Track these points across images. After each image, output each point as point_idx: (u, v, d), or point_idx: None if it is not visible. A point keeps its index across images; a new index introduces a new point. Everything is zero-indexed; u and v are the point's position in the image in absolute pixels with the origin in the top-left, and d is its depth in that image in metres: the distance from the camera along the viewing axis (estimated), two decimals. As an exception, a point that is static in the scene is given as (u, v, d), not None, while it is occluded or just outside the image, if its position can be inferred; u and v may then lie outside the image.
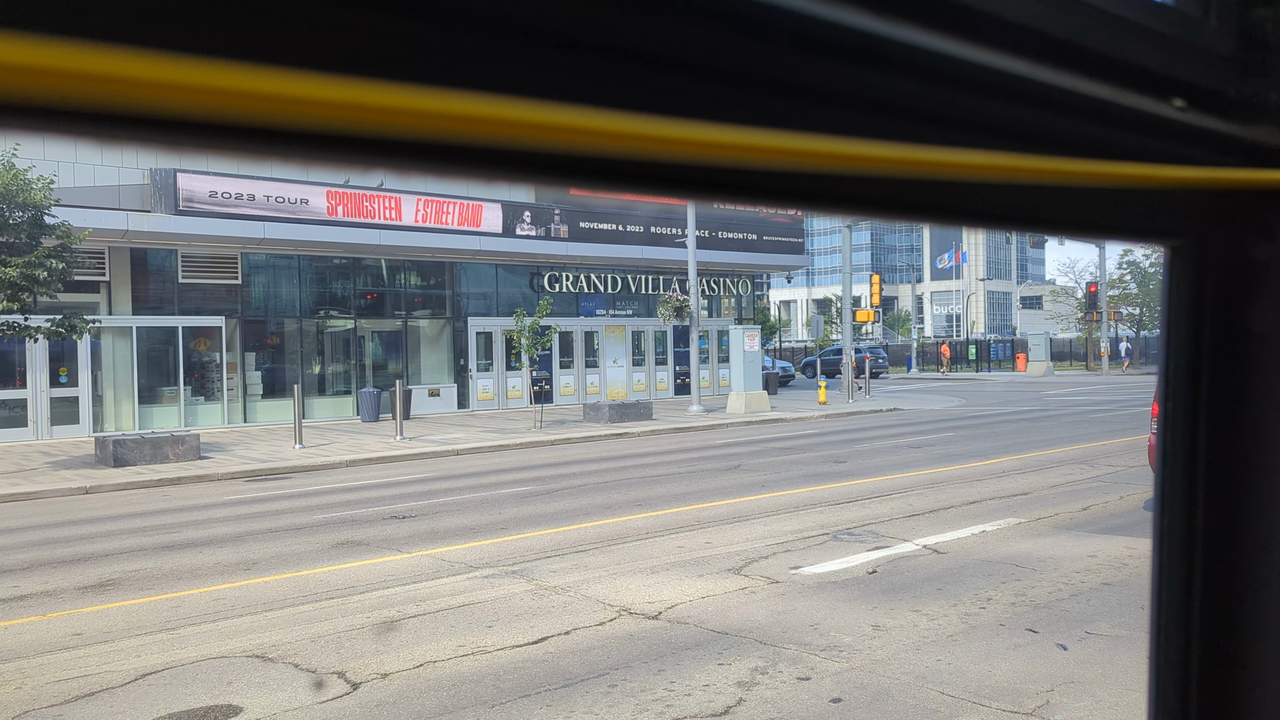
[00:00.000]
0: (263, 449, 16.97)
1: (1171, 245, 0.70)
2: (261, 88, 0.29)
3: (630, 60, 0.37)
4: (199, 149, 0.31)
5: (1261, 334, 0.68)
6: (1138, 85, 0.57)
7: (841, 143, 0.44)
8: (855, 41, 0.43)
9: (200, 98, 0.29)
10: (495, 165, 0.36)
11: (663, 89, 0.38)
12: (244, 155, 0.32)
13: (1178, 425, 0.71)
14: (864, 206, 0.50)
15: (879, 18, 0.43)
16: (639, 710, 4.58)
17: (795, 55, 0.41)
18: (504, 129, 0.34)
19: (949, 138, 0.49)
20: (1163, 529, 0.73)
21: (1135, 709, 4.47)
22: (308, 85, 0.30)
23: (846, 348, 27.64)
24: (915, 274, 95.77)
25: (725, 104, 0.40)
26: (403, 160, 0.34)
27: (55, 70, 0.27)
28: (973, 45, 0.48)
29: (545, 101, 0.35)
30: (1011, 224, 0.59)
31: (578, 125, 0.36)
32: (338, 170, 0.35)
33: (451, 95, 0.33)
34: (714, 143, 0.39)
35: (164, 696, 4.94)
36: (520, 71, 0.34)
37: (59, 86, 0.27)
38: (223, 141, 0.31)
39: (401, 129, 0.33)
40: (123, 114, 0.28)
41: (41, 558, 8.61)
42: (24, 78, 0.27)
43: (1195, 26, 0.61)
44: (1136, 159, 0.58)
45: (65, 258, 14.38)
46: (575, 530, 9.17)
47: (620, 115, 0.36)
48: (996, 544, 8.06)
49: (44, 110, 0.28)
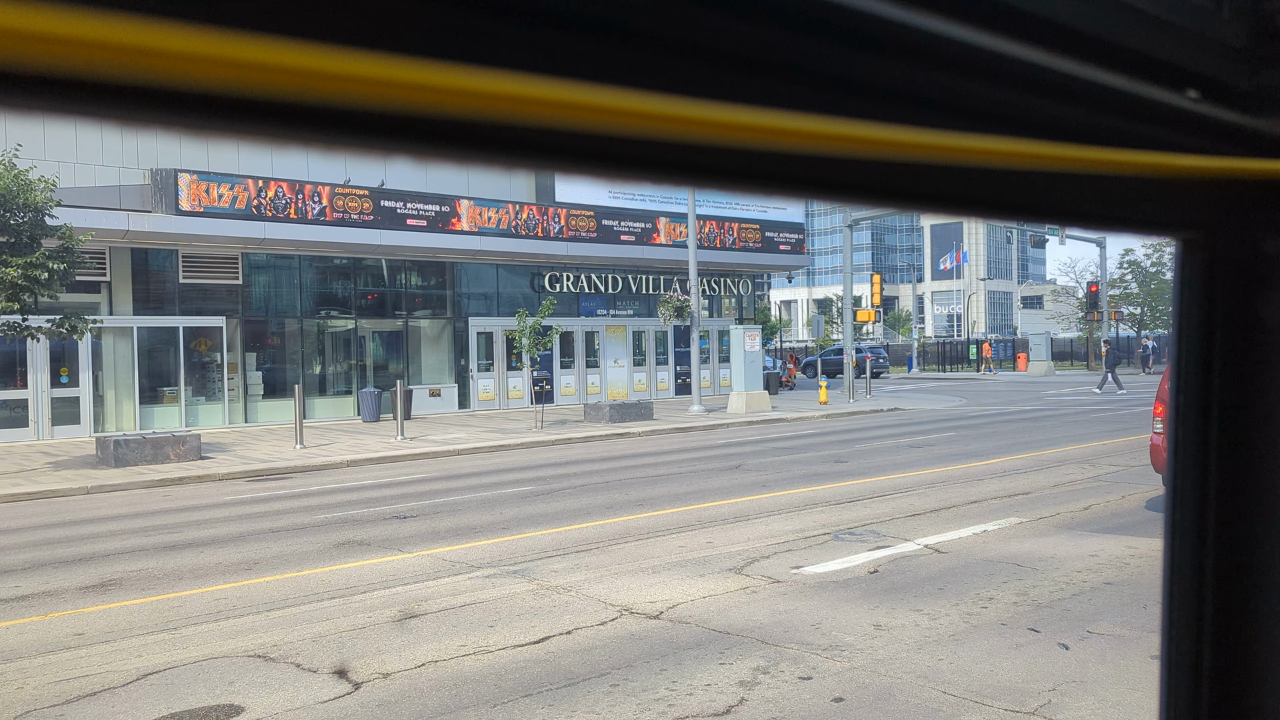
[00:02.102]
0: (264, 449, 16.97)
1: (1183, 237, 0.70)
2: (271, 60, 0.29)
3: (643, 41, 0.36)
4: (200, 128, 0.30)
5: (1274, 327, 0.67)
6: (1151, 75, 0.57)
7: (852, 127, 0.43)
8: (868, 27, 0.42)
9: (206, 69, 0.28)
10: (495, 146, 0.35)
11: (663, 70, 0.38)
12: (254, 134, 0.31)
13: (1189, 420, 0.71)
14: (873, 194, 0.49)
15: (898, 6, 0.42)
16: (641, 710, 4.58)
17: (806, 38, 0.41)
18: (504, 104, 0.34)
19: (961, 124, 0.48)
20: (1174, 525, 0.72)
21: (1138, 708, 4.46)
22: (315, 58, 0.29)
23: (847, 348, 27.64)
24: (916, 274, 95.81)
25: (732, 86, 0.40)
26: (404, 140, 0.34)
27: (66, 38, 0.26)
28: (986, 32, 0.47)
29: (546, 77, 0.34)
30: (1021, 213, 0.58)
31: (582, 102, 0.35)
32: (341, 151, 0.34)
33: (449, 69, 0.32)
34: (720, 123, 0.39)
35: (165, 696, 4.94)
36: (521, 48, 0.34)
37: (70, 55, 0.26)
38: (232, 120, 0.30)
39: (397, 104, 0.32)
40: (135, 87, 0.28)
41: (43, 558, 8.61)
42: (34, 45, 0.26)
43: (1209, 17, 0.61)
44: (1149, 148, 0.57)
45: (67, 259, 14.38)
46: (577, 530, 9.17)
47: (631, 94, 0.36)
48: (998, 543, 8.06)
49: (54, 81, 0.27)
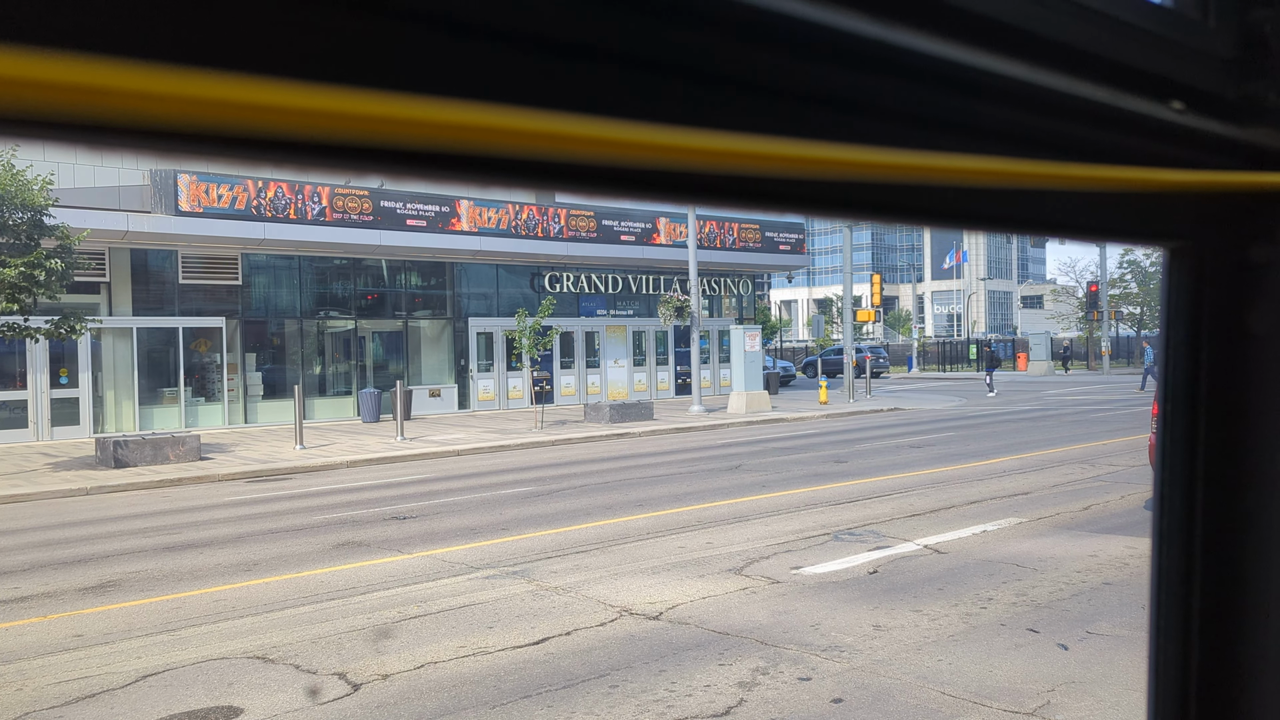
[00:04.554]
0: (263, 450, 16.96)
1: (1171, 247, 0.70)
2: (257, 99, 0.29)
3: (622, 67, 0.37)
4: (193, 158, 0.31)
5: (1260, 335, 0.68)
6: (1136, 88, 0.57)
7: (841, 149, 0.44)
8: (854, 46, 0.43)
9: (194, 109, 0.29)
10: (493, 173, 0.36)
11: (657, 94, 0.38)
12: (239, 163, 0.32)
13: (1177, 426, 0.71)
14: (865, 211, 0.50)
15: (878, 22, 0.43)
16: (640, 711, 4.58)
17: (794, 61, 0.41)
18: (501, 138, 0.34)
19: (950, 142, 0.49)
20: (1162, 530, 0.73)
21: (1136, 709, 4.46)
22: (305, 96, 0.30)
23: (847, 348, 27.62)
24: (916, 274, 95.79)
25: (721, 110, 0.40)
26: (408, 168, 0.34)
27: (48, 83, 0.27)
28: (972, 49, 0.48)
29: (544, 111, 0.35)
30: (1013, 227, 0.59)
31: (576, 134, 0.35)
32: (337, 176, 0.34)
33: (454, 105, 0.33)
34: (711, 150, 0.39)
35: (165, 698, 4.94)
36: (519, 80, 0.34)
37: (52, 99, 0.27)
38: (218, 150, 0.30)
39: (405, 139, 0.32)
40: (117, 125, 0.28)
41: (42, 559, 8.61)
42: (17, 90, 0.26)
43: (1194, 28, 0.61)
44: (1135, 162, 0.58)
45: (65, 259, 14.37)
46: (576, 531, 9.17)
47: (613, 123, 0.36)
48: (997, 544, 8.06)
49: (36, 122, 0.27)
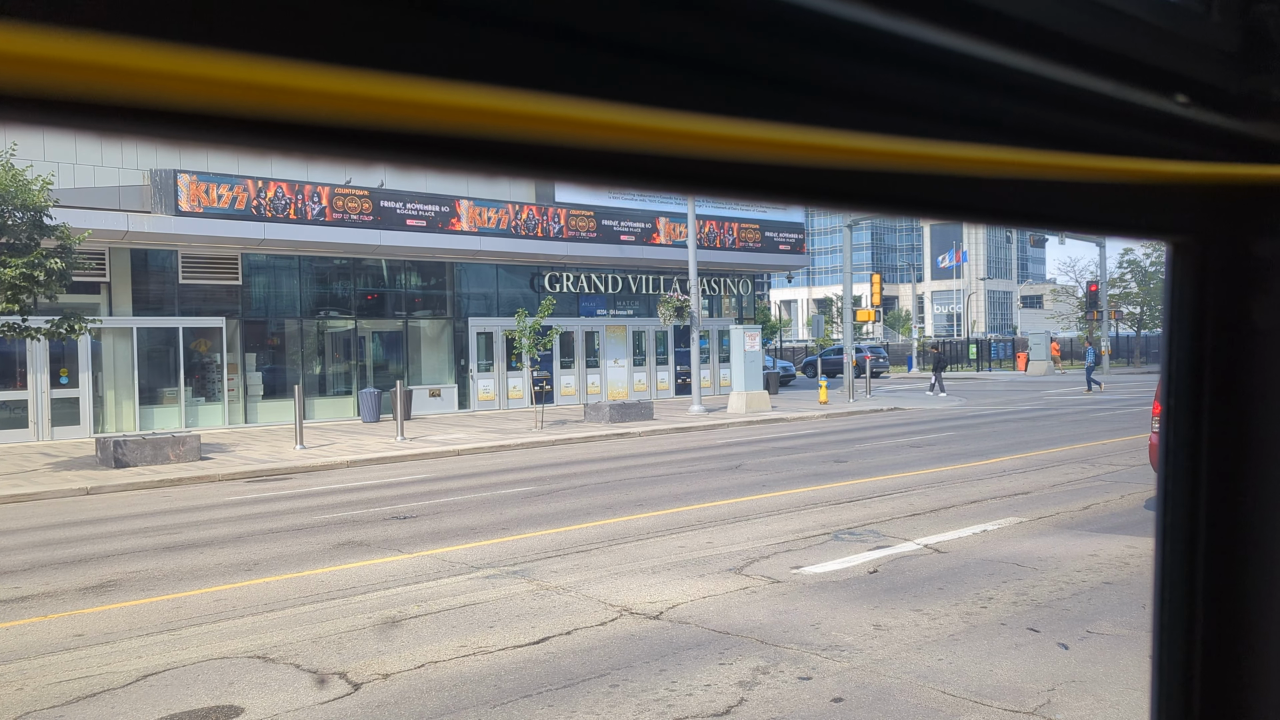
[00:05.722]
0: (264, 449, 16.97)
1: (1174, 241, 0.70)
2: (261, 79, 0.29)
3: (641, 56, 0.37)
4: (197, 142, 0.30)
5: (1264, 330, 0.67)
6: (1141, 81, 0.57)
7: (847, 138, 0.44)
8: (862, 38, 0.43)
9: (198, 89, 0.28)
10: (498, 159, 0.36)
11: (671, 85, 0.38)
12: (242, 149, 0.31)
13: (1180, 422, 0.71)
14: (870, 202, 0.50)
15: (886, 14, 0.43)
16: (640, 710, 4.58)
17: (804, 52, 0.41)
18: (509, 122, 0.34)
19: (954, 133, 0.49)
20: (1165, 527, 0.73)
21: (1137, 708, 4.46)
22: (308, 77, 0.30)
23: (847, 347, 27.63)
24: (916, 273, 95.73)
25: (733, 100, 0.40)
26: (414, 155, 0.34)
27: (51, 60, 0.26)
28: (977, 41, 0.48)
29: (553, 95, 0.35)
30: (1015, 219, 0.59)
31: (585, 119, 0.35)
32: (340, 165, 0.34)
33: (461, 88, 0.33)
34: (722, 138, 0.39)
35: (165, 697, 4.94)
36: (527, 65, 0.34)
37: (55, 77, 0.27)
38: (221, 135, 0.30)
39: (411, 122, 0.32)
40: (121, 106, 0.28)
41: (43, 559, 8.61)
42: (19, 68, 0.26)
43: (1198, 22, 0.61)
44: (1140, 155, 0.58)
45: (65, 259, 14.37)
46: (576, 530, 9.17)
47: (630, 110, 0.36)
48: (998, 543, 8.06)
49: (40, 101, 0.27)
